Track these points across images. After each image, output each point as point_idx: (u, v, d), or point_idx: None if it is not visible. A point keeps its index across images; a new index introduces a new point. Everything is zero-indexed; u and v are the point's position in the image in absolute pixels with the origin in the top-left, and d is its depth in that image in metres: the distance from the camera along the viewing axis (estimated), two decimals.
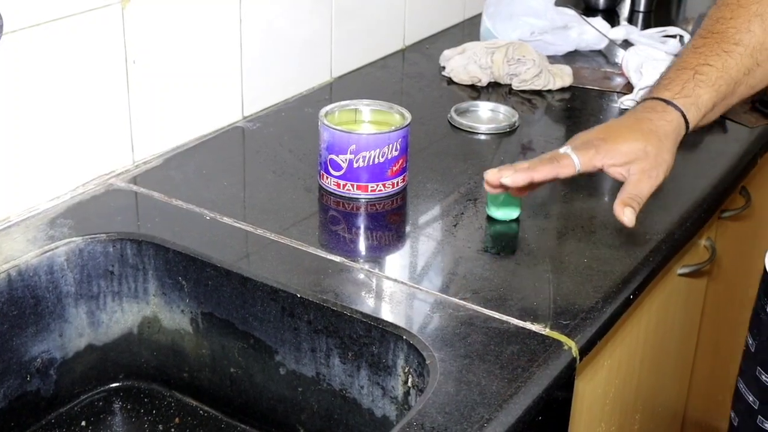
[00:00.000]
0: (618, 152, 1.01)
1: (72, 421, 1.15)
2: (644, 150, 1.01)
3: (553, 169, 0.99)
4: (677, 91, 1.04)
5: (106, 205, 1.21)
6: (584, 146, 1.01)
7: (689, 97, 1.04)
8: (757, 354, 1.16)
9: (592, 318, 1.04)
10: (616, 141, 1.01)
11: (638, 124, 1.03)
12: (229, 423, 1.15)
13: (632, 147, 1.01)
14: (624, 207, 1.00)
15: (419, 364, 0.97)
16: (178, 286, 1.13)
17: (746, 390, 1.18)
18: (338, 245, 1.17)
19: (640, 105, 1.07)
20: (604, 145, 1.01)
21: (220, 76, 1.42)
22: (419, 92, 1.63)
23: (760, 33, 1.07)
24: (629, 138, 1.01)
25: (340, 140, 1.23)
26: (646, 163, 1.01)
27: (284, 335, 1.08)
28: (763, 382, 1.15)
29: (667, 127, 1.03)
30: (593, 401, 1.20)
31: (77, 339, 1.14)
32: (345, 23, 1.62)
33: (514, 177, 0.99)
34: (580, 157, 1.00)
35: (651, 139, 1.02)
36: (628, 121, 1.04)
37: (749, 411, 1.17)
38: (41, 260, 1.09)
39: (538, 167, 0.99)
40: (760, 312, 1.15)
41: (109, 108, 1.25)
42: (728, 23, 1.07)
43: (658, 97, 1.05)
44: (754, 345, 1.17)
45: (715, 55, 1.06)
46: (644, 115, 1.04)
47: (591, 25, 1.80)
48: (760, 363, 1.15)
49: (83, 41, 1.18)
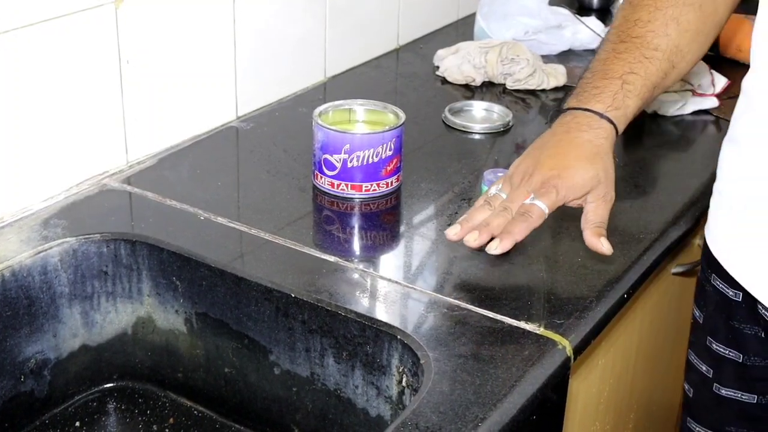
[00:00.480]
0: (576, 187, 1.05)
1: (66, 422, 1.14)
2: (597, 177, 1.05)
3: (529, 226, 1.03)
4: (609, 103, 1.08)
5: (99, 205, 1.21)
6: (545, 189, 1.04)
7: (619, 109, 1.08)
8: (706, 325, 1.19)
9: (586, 317, 1.04)
10: (570, 176, 1.04)
11: (582, 150, 1.06)
12: (224, 423, 1.15)
13: (586, 178, 1.05)
14: (597, 237, 1.05)
15: (413, 363, 0.97)
16: (173, 287, 1.13)
17: (698, 360, 1.21)
18: (332, 245, 1.17)
19: (572, 117, 1.09)
20: (562, 184, 1.04)
21: (214, 75, 1.41)
22: (413, 92, 1.63)
23: (675, 36, 1.10)
24: (580, 169, 1.05)
25: (335, 140, 1.23)
26: (600, 189, 1.06)
27: (278, 335, 1.07)
28: (715, 351, 1.18)
29: (606, 144, 1.07)
30: (588, 400, 1.20)
31: (71, 339, 1.14)
32: (339, 23, 1.62)
33: (501, 248, 1.03)
34: (546, 204, 1.04)
35: (598, 163, 1.06)
36: (570, 147, 1.06)
37: (703, 380, 1.20)
38: (35, 261, 1.09)
39: (518, 229, 1.03)
40: (705, 284, 1.18)
41: (103, 108, 1.25)
42: (646, 26, 1.10)
43: (591, 109, 1.08)
44: (701, 317, 1.20)
45: (638, 62, 1.09)
46: (582, 137, 1.06)
47: (585, 25, 1.80)
48: (709, 333, 1.18)
49: (77, 41, 1.18)
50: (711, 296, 1.17)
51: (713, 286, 1.16)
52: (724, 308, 1.15)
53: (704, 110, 1.55)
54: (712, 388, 1.19)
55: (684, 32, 1.11)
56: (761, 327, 1.12)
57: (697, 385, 1.22)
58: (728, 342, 1.16)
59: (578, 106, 1.09)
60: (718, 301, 1.16)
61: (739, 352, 1.15)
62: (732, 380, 1.17)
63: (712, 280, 1.16)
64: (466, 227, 1.05)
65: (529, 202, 1.04)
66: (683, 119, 1.54)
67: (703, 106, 1.55)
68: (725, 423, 1.19)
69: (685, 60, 1.12)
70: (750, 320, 1.13)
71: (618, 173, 1.37)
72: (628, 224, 1.22)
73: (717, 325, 1.17)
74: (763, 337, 1.13)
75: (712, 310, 1.18)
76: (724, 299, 1.15)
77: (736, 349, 1.16)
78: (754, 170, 1.08)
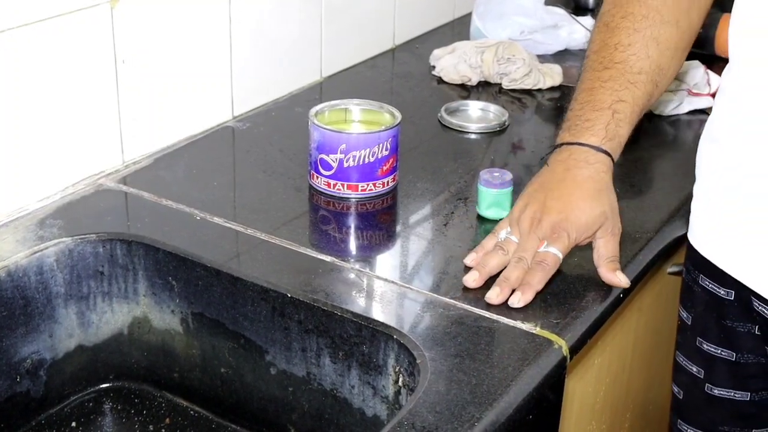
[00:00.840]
0: (585, 228, 1.07)
1: (62, 422, 1.14)
2: (604, 215, 1.08)
3: (547, 275, 1.06)
4: (603, 135, 1.09)
5: (95, 205, 1.21)
6: (556, 235, 1.06)
7: (613, 139, 1.10)
8: (695, 326, 1.20)
9: (582, 317, 1.04)
10: (578, 217, 1.06)
11: (586, 189, 1.08)
12: (220, 423, 1.15)
13: (594, 217, 1.07)
14: (613, 272, 1.08)
15: (410, 363, 0.97)
16: (168, 287, 1.13)
17: (687, 362, 1.21)
18: (329, 245, 1.17)
19: (568, 154, 1.10)
20: (572, 227, 1.06)
21: (210, 75, 1.41)
22: (409, 92, 1.63)
23: (657, 56, 1.11)
24: (587, 209, 1.07)
25: (331, 140, 1.23)
26: (608, 225, 1.08)
27: (275, 335, 1.07)
28: (706, 351, 1.18)
29: (606, 177, 1.09)
30: (584, 400, 1.20)
31: (67, 340, 1.14)
32: (335, 23, 1.62)
33: (525, 299, 1.04)
34: (560, 249, 1.06)
35: (603, 199, 1.08)
36: (573, 187, 1.08)
37: (694, 381, 1.20)
38: (31, 261, 1.09)
39: (537, 279, 1.04)
40: (692, 285, 1.19)
41: (99, 108, 1.25)
42: (627, 50, 1.11)
43: (586, 143, 1.09)
44: (690, 318, 1.20)
45: (625, 89, 1.10)
46: (582, 174, 1.08)
47: (581, 24, 1.80)
48: (699, 334, 1.19)
49: (72, 41, 1.18)
50: (699, 297, 1.17)
51: (701, 287, 1.16)
52: (715, 308, 1.15)
53: (700, 110, 1.55)
54: (703, 388, 1.19)
55: (665, 51, 1.12)
56: (755, 324, 1.12)
57: (687, 386, 1.22)
58: (720, 341, 1.16)
59: (572, 141, 1.10)
60: (708, 301, 1.16)
61: (732, 351, 1.16)
62: (725, 379, 1.17)
63: (699, 281, 1.16)
64: (483, 274, 1.07)
65: (543, 250, 1.06)
66: (679, 119, 1.54)
67: (698, 106, 1.55)
68: (717, 423, 1.19)
69: (666, 77, 1.14)
70: (743, 318, 1.13)
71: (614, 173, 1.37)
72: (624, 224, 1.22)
73: (707, 326, 1.17)
74: (757, 333, 1.13)
75: (701, 310, 1.18)
76: (714, 299, 1.15)
77: (729, 348, 1.16)
78: (735, 164, 1.08)
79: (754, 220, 1.07)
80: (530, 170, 1.37)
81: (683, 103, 1.54)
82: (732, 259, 1.11)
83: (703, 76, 1.55)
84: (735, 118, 1.08)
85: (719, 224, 1.12)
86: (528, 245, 1.06)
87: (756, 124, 1.05)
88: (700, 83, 1.55)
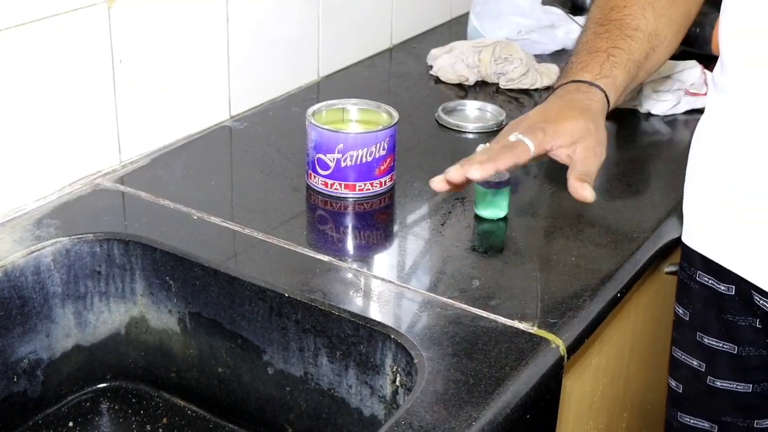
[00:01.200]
0: (564, 132, 1.01)
1: (59, 422, 1.14)
2: (587, 128, 1.02)
3: (512, 156, 0.98)
4: (597, 72, 1.06)
5: (92, 205, 1.21)
6: (532, 130, 1.00)
7: (608, 77, 1.06)
8: (694, 321, 1.20)
9: (579, 316, 1.04)
10: (559, 122, 1.01)
11: (572, 104, 1.03)
12: (217, 423, 1.15)
13: (576, 126, 1.01)
14: (581, 183, 0.99)
15: (407, 363, 0.97)
16: (166, 286, 1.13)
17: (687, 356, 1.22)
18: (326, 244, 1.17)
19: (561, 89, 1.07)
20: (551, 127, 1.01)
21: (208, 75, 1.41)
22: (406, 91, 1.63)
23: (653, 20, 1.11)
24: (570, 118, 1.01)
25: (328, 139, 1.23)
26: (590, 141, 1.02)
27: (272, 335, 1.07)
28: (707, 345, 1.18)
29: (596, 106, 1.04)
30: (581, 399, 1.20)
31: (64, 339, 1.14)
32: (332, 22, 1.62)
33: (482, 171, 0.96)
34: (532, 141, 0.99)
35: (589, 117, 1.02)
36: (560, 102, 1.04)
37: (695, 374, 1.21)
38: (28, 260, 1.09)
39: (500, 157, 0.98)
40: (688, 282, 1.19)
41: (96, 108, 1.25)
42: (623, 11, 1.11)
43: (579, 79, 1.06)
44: (687, 314, 1.21)
45: (621, 39, 1.09)
46: (573, 96, 1.04)
47: (578, 24, 1.80)
48: (700, 329, 1.19)
49: (69, 41, 1.18)
50: (698, 293, 1.18)
51: (699, 283, 1.17)
52: (715, 303, 1.16)
53: (697, 109, 1.55)
54: (705, 381, 1.20)
55: (660, 17, 1.11)
56: (756, 317, 1.13)
57: (687, 380, 1.23)
58: (721, 335, 1.17)
59: (566, 81, 1.08)
60: (707, 296, 1.16)
61: (734, 344, 1.16)
62: (727, 372, 1.18)
63: (697, 278, 1.17)
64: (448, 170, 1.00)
65: (514, 138, 1.00)
66: (676, 119, 1.54)
67: (696, 106, 1.55)
68: (720, 413, 1.21)
69: (662, 46, 1.12)
70: (744, 312, 1.14)
71: (611, 172, 1.38)
72: (621, 223, 1.22)
73: (707, 321, 1.18)
74: (758, 327, 1.14)
75: (700, 306, 1.19)
76: (714, 294, 1.16)
77: (730, 342, 1.17)
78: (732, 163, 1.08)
79: (753, 218, 1.07)
80: (527, 170, 1.37)
81: (680, 103, 1.54)
82: (731, 255, 1.11)
83: (700, 76, 1.56)
84: (732, 117, 1.09)
85: (717, 222, 1.12)
86: (499, 137, 1.01)
87: (753, 123, 1.05)
88: (697, 83, 1.55)
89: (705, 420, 1.22)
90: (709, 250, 1.14)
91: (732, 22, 1.07)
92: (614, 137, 1.50)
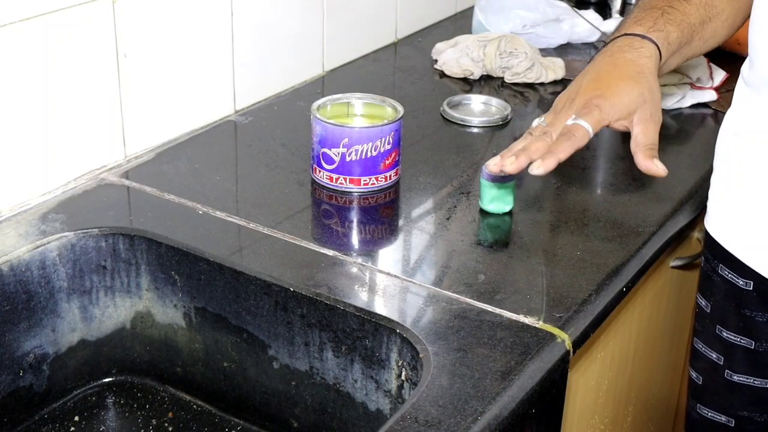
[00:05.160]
0: (620, 106, 1.00)
1: (65, 417, 1.14)
2: (642, 96, 1.01)
3: (573, 144, 0.98)
4: (650, 26, 1.05)
5: (98, 199, 1.21)
6: (587, 109, 1.00)
7: (662, 31, 1.05)
8: (714, 314, 1.20)
9: (585, 310, 1.04)
10: (614, 95, 1.00)
11: (625, 70, 1.02)
12: (223, 417, 1.15)
13: (631, 97, 1.00)
14: (651, 159, 0.99)
15: (413, 357, 0.97)
16: (171, 281, 1.13)
17: (707, 348, 1.22)
18: (331, 239, 1.17)
19: (613, 43, 1.06)
20: (606, 103, 1.00)
21: (212, 69, 1.41)
22: (411, 86, 1.63)
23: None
24: (624, 88, 1.00)
25: (333, 134, 1.23)
26: (647, 108, 1.01)
27: (277, 329, 1.07)
28: (725, 339, 1.19)
29: (650, 63, 1.03)
30: (586, 394, 1.20)
31: (70, 334, 1.14)
32: (337, 16, 1.62)
33: (544, 167, 0.96)
34: (589, 122, 0.99)
35: (642, 82, 1.01)
36: (611, 64, 1.03)
37: (714, 367, 1.21)
38: (33, 255, 1.09)
39: (561, 148, 0.97)
40: (711, 274, 1.19)
41: (101, 102, 1.25)
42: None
43: (632, 33, 1.05)
44: (708, 306, 1.21)
45: (677, 1, 1.08)
46: (624, 57, 1.03)
47: (583, 18, 1.80)
48: (719, 322, 1.19)
49: (74, 35, 1.18)
50: (718, 286, 1.18)
51: (720, 276, 1.17)
52: (734, 297, 1.16)
53: (703, 103, 1.55)
54: (723, 374, 1.20)
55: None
56: None
57: (707, 372, 1.23)
58: (739, 330, 1.17)
59: (618, 34, 1.07)
60: (727, 290, 1.17)
61: (751, 339, 1.17)
62: (744, 366, 1.18)
63: (719, 270, 1.17)
64: (505, 156, 1.00)
65: (571, 122, 0.99)
66: (682, 112, 1.54)
67: (701, 99, 1.54)
68: (738, 408, 1.21)
69: (719, 18, 1.10)
70: (762, 308, 1.14)
71: (616, 166, 1.38)
72: (627, 217, 1.22)
73: (727, 314, 1.18)
74: None
75: (720, 299, 1.19)
76: (733, 288, 1.16)
77: (748, 337, 1.17)
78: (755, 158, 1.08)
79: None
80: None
81: (686, 97, 1.54)
82: (750, 250, 1.11)
83: (706, 70, 1.55)
84: (758, 113, 1.08)
85: (738, 216, 1.12)
86: (555, 121, 1.01)
87: None
88: (703, 77, 1.55)
89: (722, 414, 1.22)
90: (730, 244, 1.14)
91: (762, 19, 1.06)
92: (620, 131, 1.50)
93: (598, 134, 1.48)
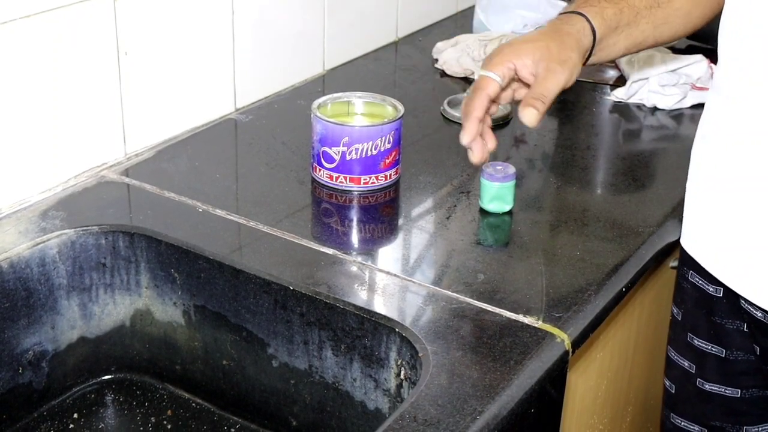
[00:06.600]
0: (522, 50, 1.03)
1: (64, 414, 1.14)
2: (547, 47, 1.03)
3: (481, 97, 1.02)
4: (581, 3, 1.08)
5: (98, 197, 1.21)
6: (490, 58, 1.04)
7: (595, 6, 1.07)
8: (685, 322, 1.19)
9: (584, 310, 1.04)
10: (519, 42, 1.04)
11: (542, 30, 1.06)
12: (222, 415, 1.15)
13: (536, 46, 1.03)
14: (526, 107, 1.01)
15: (412, 356, 0.97)
16: (171, 279, 1.13)
17: (679, 357, 1.21)
18: (331, 237, 1.17)
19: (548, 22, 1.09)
20: (509, 48, 1.03)
21: (213, 67, 1.41)
22: (412, 85, 1.63)
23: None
24: (530, 38, 1.04)
25: (333, 132, 1.23)
26: (551, 59, 1.02)
27: (277, 328, 1.07)
28: (697, 346, 1.18)
29: (569, 28, 1.05)
30: (585, 394, 1.20)
31: (69, 331, 1.14)
32: (337, 15, 1.62)
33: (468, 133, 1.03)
34: (493, 70, 1.02)
35: (552, 36, 1.04)
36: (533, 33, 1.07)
37: (686, 375, 1.20)
38: (33, 252, 1.09)
39: (472, 107, 1.02)
40: (682, 281, 1.19)
41: (101, 100, 1.25)
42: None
43: (563, 12, 1.08)
44: (680, 314, 1.20)
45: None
46: (549, 25, 1.07)
47: None
48: (690, 330, 1.19)
49: (75, 33, 1.18)
50: (689, 293, 1.17)
51: (691, 283, 1.16)
52: (704, 304, 1.15)
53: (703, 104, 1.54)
54: (695, 383, 1.19)
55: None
56: (744, 321, 1.12)
57: (679, 381, 1.22)
58: (710, 337, 1.16)
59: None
60: (698, 297, 1.16)
61: (722, 347, 1.15)
62: (715, 375, 1.17)
63: (689, 277, 1.16)
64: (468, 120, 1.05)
65: (478, 75, 1.04)
66: (682, 113, 1.54)
67: (702, 100, 1.54)
68: (709, 417, 1.19)
69: (671, 7, 1.12)
70: (732, 315, 1.13)
71: (616, 166, 1.38)
72: (627, 218, 1.22)
73: (698, 322, 1.17)
74: (746, 331, 1.13)
75: (691, 306, 1.18)
76: (703, 295, 1.15)
77: (718, 345, 1.16)
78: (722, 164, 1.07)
79: (740, 224, 1.05)
80: (533, 164, 1.37)
81: (687, 98, 1.54)
82: (718, 261, 1.10)
83: (706, 71, 1.55)
84: (723, 117, 1.07)
85: (707, 224, 1.11)
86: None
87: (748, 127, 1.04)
88: (703, 77, 1.55)
89: (695, 423, 1.21)
90: (698, 253, 1.13)
91: (729, 24, 1.06)
92: (620, 131, 1.50)
93: (598, 134, 1.49)
